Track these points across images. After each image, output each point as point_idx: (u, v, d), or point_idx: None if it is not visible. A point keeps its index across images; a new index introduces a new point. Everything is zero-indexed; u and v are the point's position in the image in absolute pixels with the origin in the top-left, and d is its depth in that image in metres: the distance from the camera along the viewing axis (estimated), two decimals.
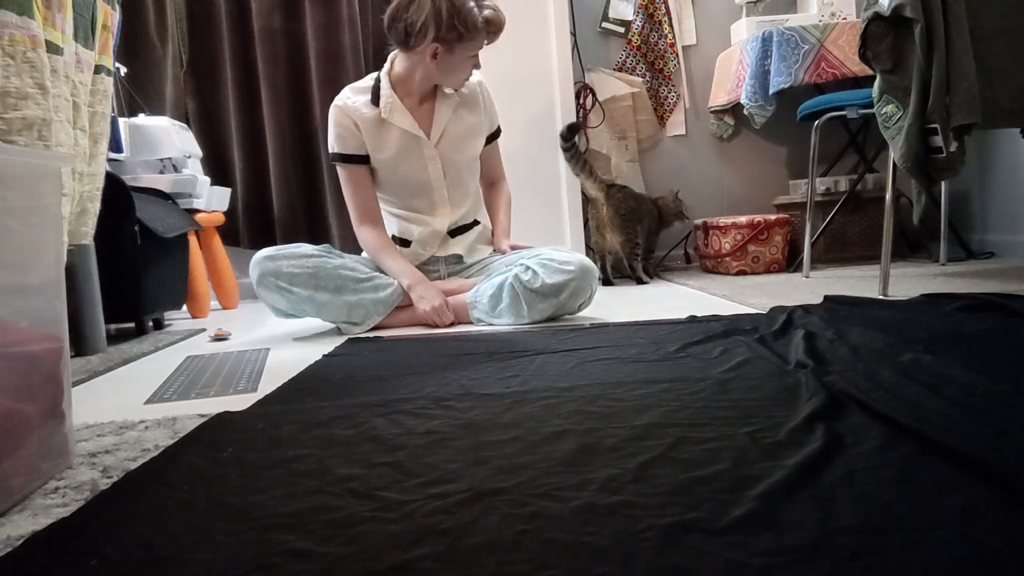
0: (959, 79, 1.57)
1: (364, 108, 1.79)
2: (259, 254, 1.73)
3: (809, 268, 2.43)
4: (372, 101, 1.79)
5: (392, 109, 1.78)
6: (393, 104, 1.78)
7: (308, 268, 1.69)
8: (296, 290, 1.69)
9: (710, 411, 0.82)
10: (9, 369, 0.69)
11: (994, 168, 2.75)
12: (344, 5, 2.75)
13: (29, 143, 1.28)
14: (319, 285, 1.69)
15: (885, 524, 0.51)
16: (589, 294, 1.72)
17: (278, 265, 1.69)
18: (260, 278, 1.70)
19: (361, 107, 1.79)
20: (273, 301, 1.73)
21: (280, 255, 1.71)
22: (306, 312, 1.73)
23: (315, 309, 1.72)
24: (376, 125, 1.79)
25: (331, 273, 1.70)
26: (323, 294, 1.70)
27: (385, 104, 1.77)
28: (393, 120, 1.78)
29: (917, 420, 0.71)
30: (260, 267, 1.70)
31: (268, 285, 1.70)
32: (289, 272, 1.69)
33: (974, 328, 1.18)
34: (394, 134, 1.79)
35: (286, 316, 1.77)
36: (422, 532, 0.54)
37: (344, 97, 1.81)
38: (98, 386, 1.30)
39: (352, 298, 1.71)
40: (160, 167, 2.29)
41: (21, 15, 1.25)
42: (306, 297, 1.70)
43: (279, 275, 1.69)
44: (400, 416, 0.88)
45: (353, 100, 1.80)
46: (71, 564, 0.53)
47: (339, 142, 1.80)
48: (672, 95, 3.03)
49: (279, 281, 1.69)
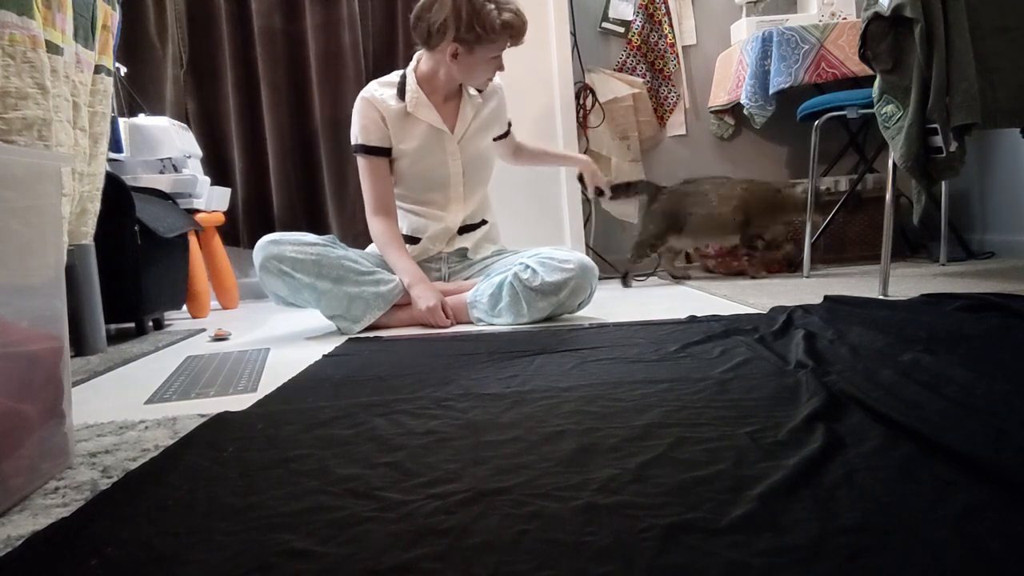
0: (959, 79, 1.57)
1: (391, 101, 1.82)
2: (264, 238, 1.74)
3: (809, 268, 2.43)
4: (398, 95, 1.83)
5: (417, 104, 1.81)
6: (419, 99, 1.81)
7: (311, 255, 1.70)
8: (298, 276, 1.69)
9: (710, 411, 0.82)
10: (9, 369, 0.69)
11: (994, 168, 2.74)
12: (344, 5, 2.75)
13: (29, 143, 1.28)
14: (321, 273, 1.70)
15: (885, 524, 0.51)
16: (589, 292, 1.72)
17: (282, 249, 1.70)
18: (264, 261, 1.70)
19: (388, 99, 1.82)
20: (274, 287, 1.73)
21: (284, 240, 1.72)
22: (306, 301, 1.73)
23: (315, 297, 1.71)
24: (401, 118, 1.82)
25: (334, 262, 1.71)
26: (324, 282, 1.70)
27: (411, 99, 1.81)
28: (419, 114, 1.82)
29: (917, 420, 0.71)
30: (264, 251, 1.71)
31: (271, 269, 1.70)
32: (292, 257, 1.69)
33: (974, 328, 1.18)
34: (419, 128, 1.83)
35: (286, 304, 1.76)
36: (422, 532, 0.54)
37: (371, 90, 1.85)
38: (98, 386, 1.30)
39: (353, 289, 1.71)
40: (160, 167, 2.29)
41: (21, 15, 1.25)
42: (307, 284, 1.69)
43: (282, 259, 1.69)
44: (400, 416, 0.88)
45: (380, 93, 1.83)
46: (71, 564, 0.53)
47: (363, 133, 1.82)
48: (672, 95, 3.03)
49: (282, 265, 1.69)
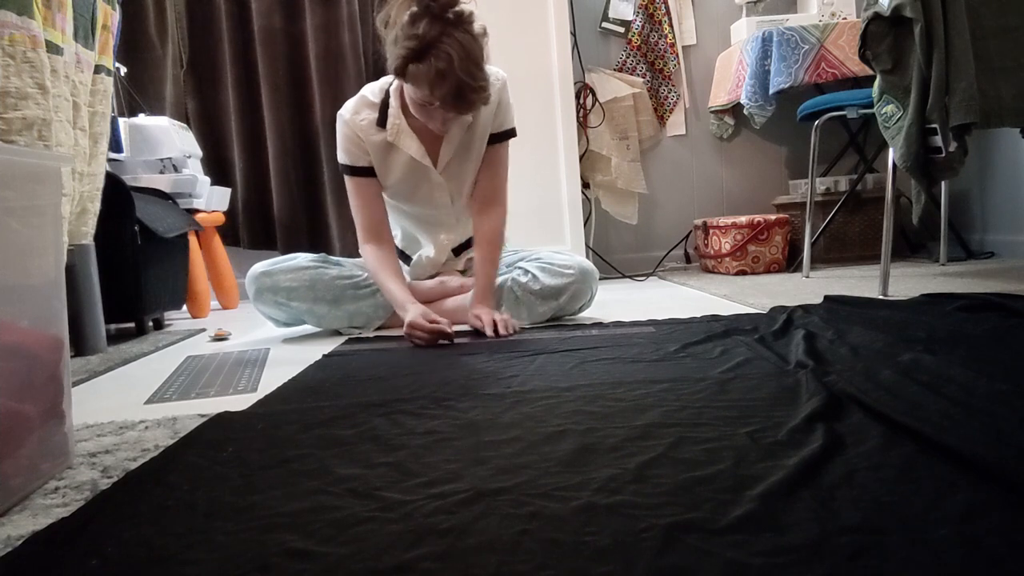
0: (958, 79, 1.57)
1: (371, 130, 1.63)
2: (255, 269, 1.71)
3: (809, 268, 2.42)
4: (379, 123, 1.63)
5: (399, 132, 1.62)
6: (400, 127, 1.62)
7: (305, 281, 1.68)
8: (294, 304, 1.69)
9: (710, 411, 0.82)
10: (9, 369, 0.69)
11: (994, 168, 2.74)
12: (344, 5, 2.75)
13: (29, 143, 1.28)
14: (317, 297, 1.69)
15: (885, 524, 0.51)
16: (589, 296, 1.72)
17: (275, 280, 1.69)
18: (257, 293, 1.70)
19: (368, 128, 1.63)
20: (271, 314, 1.74)
21: (276, 270, 1.69)
22: (305, 322, 1.75)
23: (315, 320, 1.73)
24: (383, 149, 1.65)
25: (328, 284, 1.69)
26: (321, 306, 1.70)
27: (392, 126, 1.62)
28: (400, 144, 1.63)
29: (917, 420, 0.71)
30: (257, 283, 1.70)
31: (266, 300, 1.70)
32: (287, 287, 1.68)
33: (974, 328, 1.18)
34: (401, 159, 1.66)
35: (285, 326, 1.78)
36: (422, 532, 0.54)
37: (352, 110, 1.64)
38: (98, 386, 1.30)
39: (351, 307, 1.71)
40: (160, 167, 2.28)
41: (21, 15, 1.25)
42: (305, 310, 1.70)
43: (276, 290, 1.69)
44: (400, 416, 0.88)
45: (361, 118, 1.63)
46: (71, 564, 0.53)
47: (348, 155, 1.66)
48: (672, 95, 3.03)
49: (277, 297, 1.69)
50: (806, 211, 2.44)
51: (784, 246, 2.66)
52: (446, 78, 1.37)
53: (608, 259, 2.94)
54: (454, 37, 1.37)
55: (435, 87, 1.39)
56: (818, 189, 2.69)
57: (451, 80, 1.37)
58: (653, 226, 3.08)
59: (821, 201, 2.67)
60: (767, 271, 2.64)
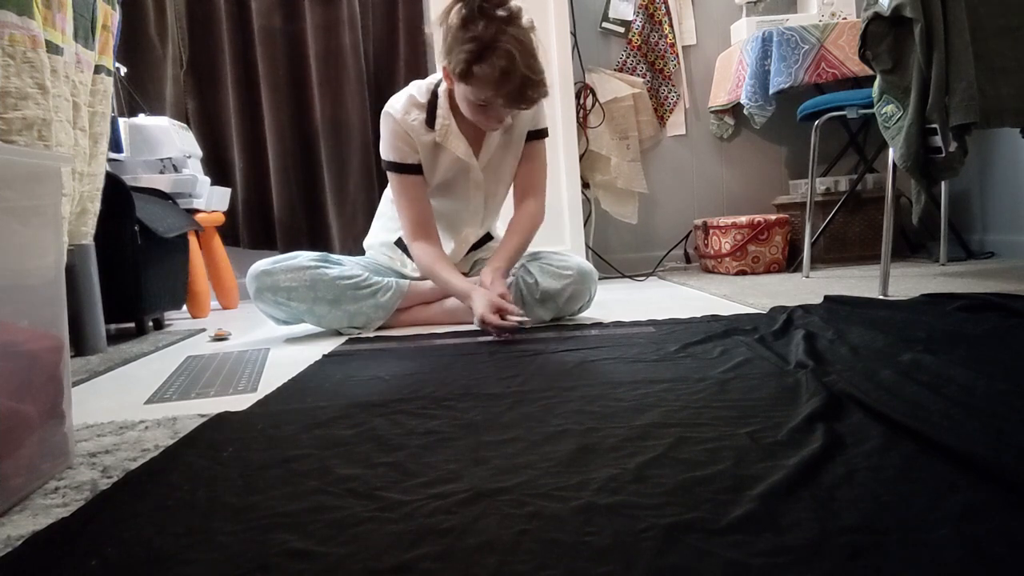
0: (958, 79, 1.57)
1: (421, 130, 1.64)
2: (255, 268, 1.71)
3: (809, 268, 2.42)
4: (427, 122, 1.64)
5: (448, 133, 1.64)
6: (449, 128, 1.64)
7: (305, 281, 1.68)
8: (294, 304, 1.69)
9: (710, 411, 0.82)
10: (9, 369, 0.69)
11: (994, 168, 2.74)
12: (344, 5, 2.75)
13: (29, 143, 1.28)
14: (317, 297, 1.69)
15: (885, 524, 0.51)
16: (588, 298, 1.72)
17: (275, 280, 1.68)
18: (257, 292, 1.70)
19: (418, 128, 1.64)
20: (271, 312, 1.74)
21: (277, 269, 1.69)
22: (305, 321, 1.75)
23: (315, 320, 1.73)
24: (431, 149, 1.67)
25: (329, 284, 1.69)
26: (321, 306, 1.70)
27: (441, 127, 1.63)
28: (448, 144, 1.65)
29: (917, 420, 0.71)
30: (257, 281, 1.70)
31: (266, 300, 1.70)
32: (287, 286, 1.68)
33: (974, 328, 1.18)
34: (447, 158, 1.68)
35: (285, 324, 1.78)
36: (422, 532, 0.54)
37: (401, 110, 1.64)
38: (98, 386, 1.30)
39: (351, 307, 1.71)
40: (160, 167, 2.29)
41: (21, 15, 1.25)
42: (305, 310, 1.70)
43: (276, 290, 1.69)
44: (400, 416, 0.88)
45: (412, 118, 1.64)
46: (71, 564, 0.53)
47: (395, 152, 1.65)
48: (672, 95, 3.03)
49: (277, 296, 1.69)
50: (806, 211, 2.44)
51: (784, 246, 2.66)
52: (510, 76, 1.39)
53: (608, 259, 2.94)
54: (510, 34, 1.38)
55: (500, 86, 1.41)
56: (818, 189, 2.69)
57: (515, 77, 1.39)
58: (653, 226, 3.08)
59: (821, 201, 2.67)
60: (767, 271, 2.64)
